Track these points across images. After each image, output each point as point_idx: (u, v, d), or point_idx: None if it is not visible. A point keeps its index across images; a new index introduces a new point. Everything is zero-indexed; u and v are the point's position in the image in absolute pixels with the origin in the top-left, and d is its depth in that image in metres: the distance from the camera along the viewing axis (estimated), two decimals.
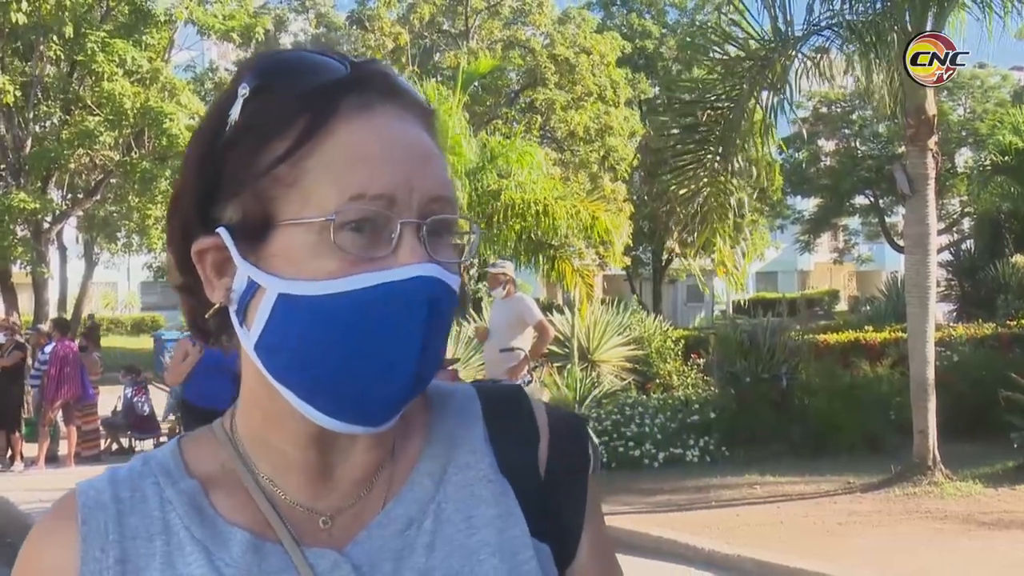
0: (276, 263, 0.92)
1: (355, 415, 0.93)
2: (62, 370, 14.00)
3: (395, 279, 0.90)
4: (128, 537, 0.96)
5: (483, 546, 0.98)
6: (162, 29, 20.17)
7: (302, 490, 0.99)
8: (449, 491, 1.00)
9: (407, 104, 0.96)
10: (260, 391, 0.97)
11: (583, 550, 1.06)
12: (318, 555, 0.96)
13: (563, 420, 1.10)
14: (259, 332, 0.93)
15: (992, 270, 19.25)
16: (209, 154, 0.95)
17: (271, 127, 0.92)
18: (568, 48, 30.53)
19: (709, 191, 10.58)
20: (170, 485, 0.99)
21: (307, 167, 0.91)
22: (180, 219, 0.98)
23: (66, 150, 18.37)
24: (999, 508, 8.61)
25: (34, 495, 11.02)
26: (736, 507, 9.04)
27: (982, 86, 39.84)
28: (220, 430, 1.04)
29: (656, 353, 15.66)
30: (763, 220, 41.56)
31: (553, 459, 1.06)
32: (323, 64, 0.95)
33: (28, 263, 19.45)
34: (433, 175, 0.94)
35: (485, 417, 1.06)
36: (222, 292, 0.96)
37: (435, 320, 0.91)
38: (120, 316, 45.81)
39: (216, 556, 0.95)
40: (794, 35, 10.18)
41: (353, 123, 0.92)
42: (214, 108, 0.97)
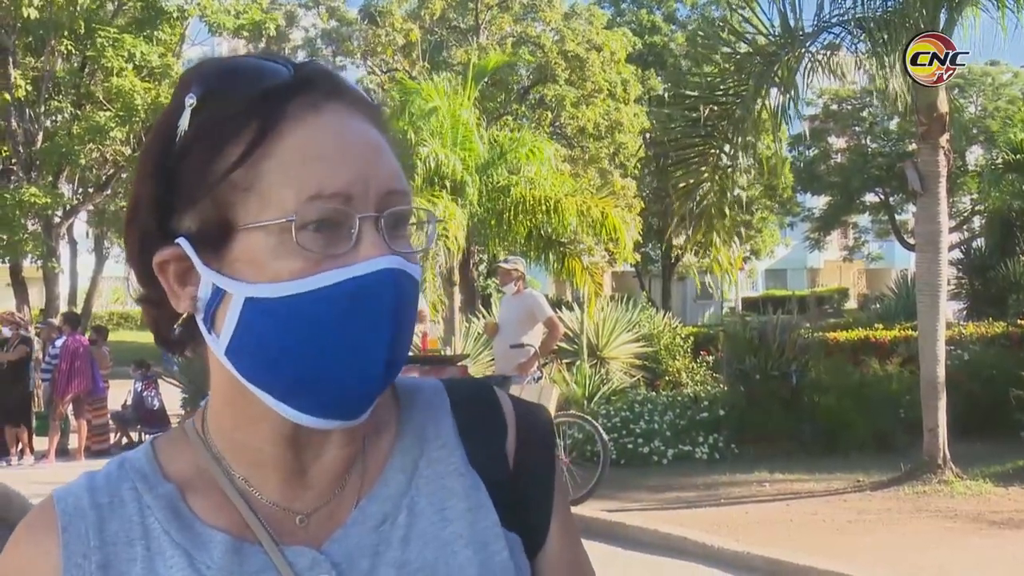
0: (239, 268, 0.93)
1: (331, 410, 0.94)
2: (73, 364, 14.04)
3: (360, 273, 0.91)
4: (109, 543, 0.97)
5: (456, 538, 1.00)
6: (174, 25, 20.20)
7: (277, 490, 1.00)
8: (421, 485, 1.02)
9: (352, 101, 0.98)
10: (232, 393, 0.98)
11: (552, 538, 1.08)
12: (297, 554, 0.97)
13: (529, 411, 1.12)
14: (229, 337, 0.94)
15: (1003, 268, 19.17)
16: (162, 166, 0.96)
17: (222, 134, 0.93)
18: (578, 44, 30.50)
19: (709, 187, 10.56)
20: (148, 490, 1.00)
21: (262, 170, 0.92)
22: (138, 232, 0.99)
23: (77, 145, 18.41)
24: (1009, 507, 8.59)
25: (45, 489, 11.01)
26: (745, 505, 9.03)
27: (993, 83, 39.74)
28: (192, 431, 1.05)
29: (665, 350, 15.65)
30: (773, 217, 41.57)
31: (521, 451, 1.08)
32: (266, 68, 0.96)
33: (39, 257, 19.51)
34: (387, 169, 0.96)
35: (454, 411, 1.08)
36: (187, 301, 0.97)
37: (402, 309, 0.93)
38: (130, 311, 45.90)
39: (197, 559, 0.96)
40: (804, 32, 10.16)
41: (303, 123, 0.93)
42: (161, 121, 0.98)
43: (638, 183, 31.36)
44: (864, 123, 39.52)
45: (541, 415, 1.13)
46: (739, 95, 10.30)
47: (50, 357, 14.65)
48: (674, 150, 11.35)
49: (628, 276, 40.68)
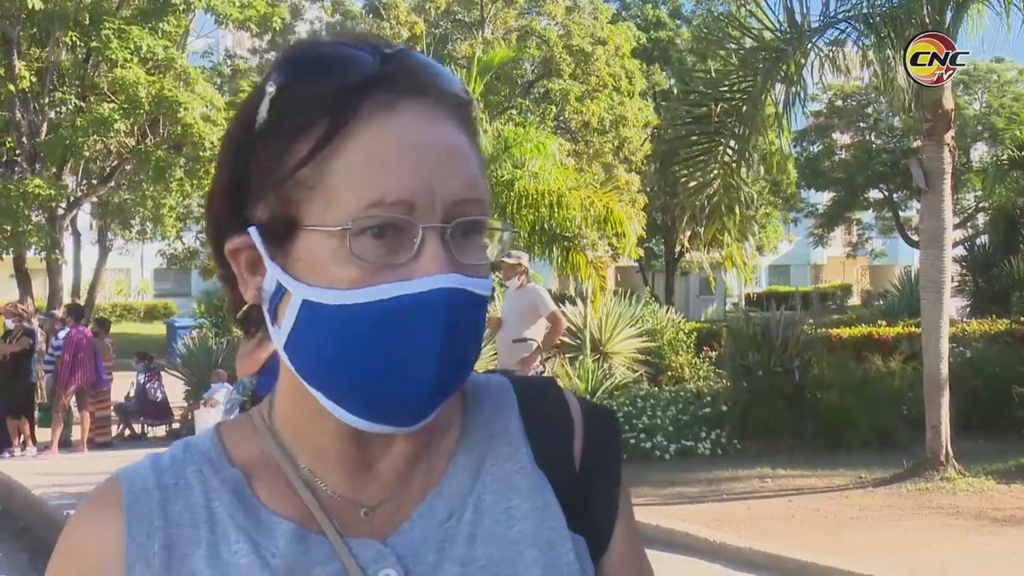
0: (300, 268, 0.92)
1: (383, 417, 0.93)
2: (76, 356, 14.06)
3: (414, 291, 0.88)
4: (173, 524, 0.97)
5: (522, 537, 0.98)
6: (180, 17, 20.18)
7: (342, 482, 0.99)
8: (487, 483, 1.01)
9: (436, 98, 0.94)
10: (295, 387, 0.97)
11: (615, 543, 1.06)
12: (361, 545, 0.96)
13: (596, 412, 1.10)
14: (287, 333, 0.94)
15: (1007, 266, 19.16)
16: (239, 153, 0.95)
17: (294, 128, 0.91)
18: (583, 38, 30.47)
19: (719, 183, 10.54)
20: (213, 474, 1.00)
21: (327, 171, 0.90)
22: (214, 217, 0.99)
23: (81, 137, 18.39)
24: (1012, 504, 8.59)
25: (48, 480, 11.08)
26: (747, 500, 9.03)
27: (999, 80, 39.68)
28: (258, 419, 1.04)
29: (668, 345, 15.65)
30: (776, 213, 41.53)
31: (588, 452, 1.06)
32: (350, 59, 0.93)
33: (42, 249, 19.50)
34: (458, 176, 0.92)
35: (521, 409, 1.06)
36: (254, 291, 0.96)
37: (457, 330, 0.90)
38: (133, 303, 45.98)
39: (262, 546, 0.95)
40: (810, 27, 10.14)
41: (373, 125, 0.90)
42: (244, 105, 0.97)
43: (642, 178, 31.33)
44: (869, 119, 39.48)
45: (608, 417, 1.11)
46: (745, 91, 10.28)
47: (53, 349, 14.67)
48: (682, 147, 11.32)
49: (631, 271, 40.67)
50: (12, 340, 14.15)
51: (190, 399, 16.06)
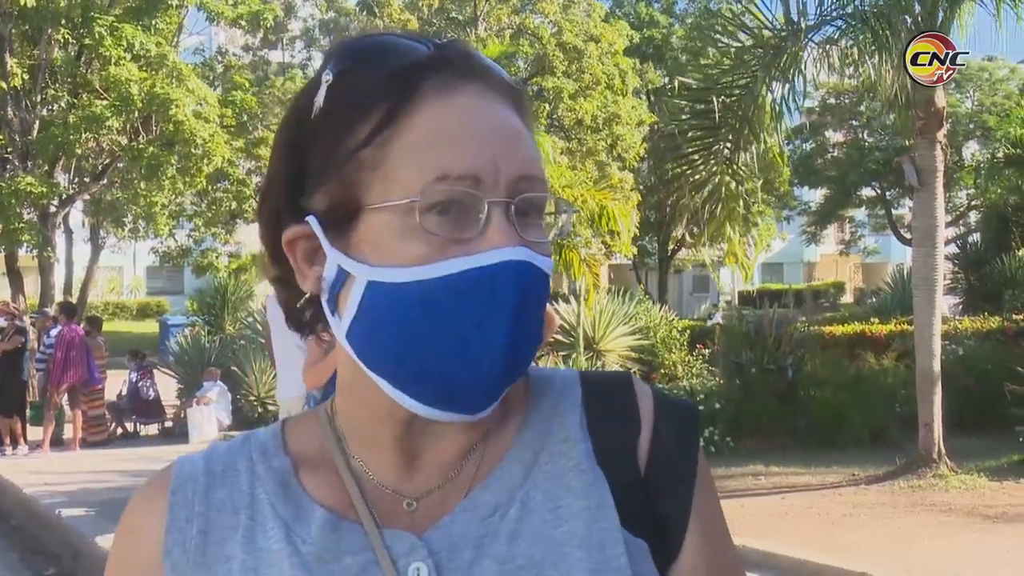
0: (364, 249, 0.91)
1: (449, 403, 0.92)
2: (68, 354, 14.02)
3: (483, 264, 0.88)
4: (213, 509, 0.98)
5: (570, 537, 0.94)
6: (172, 14, 20.15)
7: (390, 472, 0.98)
8: (539, 479, 0.98)
9: (491, 83, 0.95)
10: (354, 377, 0.96)
11: (688, 547, 1.00)
12: (396, 537, 0.95)
13: (670, 408, 1.05)
14: (350, 320, 0.93)
15: (999, 263, 19.21)
16: (295, 142, 0.95)
17: (354, 111, 0.92)
18: (576, 36, 30.48)
19: (720, 179, 10.53)
20: (263, 462, 1.01)
21: (390, 150, 0.90)
22: (270, 208, 0.98)
23: (73, 134, 18.36)
24: (1004, 501, 8.61)
25: (39, 478, 11.05)
26: (741, 498, 9.04)
27: (990, 79, 39.78)
28: (323, 413, 1.05)
29: (661, 343, 15.67)
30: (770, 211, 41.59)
31: (655, 451, 1.01)
32: (404, 46, 0.94)
33: (34, 247, 19.47)
34: (520, 154, 0.92)
35: (585, 404, 1.02)
36: (313, 281, 0.96)
37: (526, 304, 0.89)
38: (125, 301, 45.90)
39: (295, 533, 0.95)
40: (806, 24, 10.14)
41: (435, 104, 0.91)
42: (299, 96, 0.97)
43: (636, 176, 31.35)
44: (861, 117, 39.54)
45: (685, 412, 1.06)
46: (744, 87, 10.28)
47: (45, 347, 14.62)
48: (683, 142, 11.31)
49: (625, 269, 40.70)
50: (4, 338, 14.11)
51: (183, 397, 16.04)
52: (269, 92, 28.34)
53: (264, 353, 12.65)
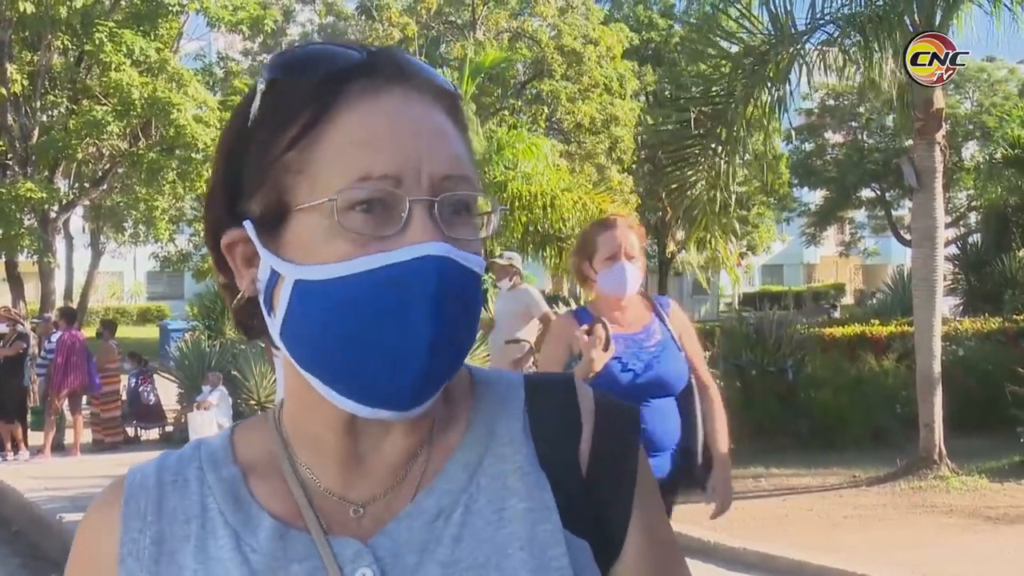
0: (292, 250, 0.93)
1: (379, 400, 0.93)
2: (68, 359, 14.02)
3: (402, 259, 0.89)
4: (166, 520, 0.99)
5: (512, 539, 0.96)
6: (172, 20, 20.18)
7: (336, 478, 1.00)
8: (483, 482, 0.99)
9: (420, 86, 0.96)
10: (295, 380, 0.98)
11: (630, 548, 1.02)
12: (342, 544, 0.96)
13: (609, 411, 1.06)
14: (281, 320, 0.95)
15: (999, 264, 19.18)
16: (232, 149, 0.98)
17: (282, 118, 0.94)
18: (575, 39, 30.49)
19: (703, 186, 10.54)
20: (212, 471, 1.02)
21: (315, 153, 0.92)
22: (212, 215, 1.00)
23: (73, 140, 18.38)
24: (1005, 502, 8.60)
25: (40, 484, 11.05)
26: (741, 500, 8.99)
27: (989, 79, 39.78)
28: (271, 417, 1.06)
29: None
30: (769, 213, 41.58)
31: (596, 453, 1.02)
32: (336, 54, 0.96)
33: (35, 252, 19.48)
34: (444, 153, 0.94)
35: (528, 406, 1.04)
36: (249, 283, 0.98)
37: (447, 299, 0.90)
38: (126, 306, 45.91)
39: (244, 541, 0.97)
40: (797, 30, 10.14)
41: (359, 107, 0.93)
42: (238, 106, 0.99)
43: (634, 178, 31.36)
44: (861, 118, 39.55)
45: (625, 415, 1.07)
46: (731, 95, 10.29)
47: (46, 352, 14.62)
48: (666, 152, 11.34)
49: None
50: (6, 344, 14.10)
51: (183, 402, 16.02)
52: None
53: (264, 357, 12.65)
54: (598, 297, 4.13)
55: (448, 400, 0.98)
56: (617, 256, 4.00)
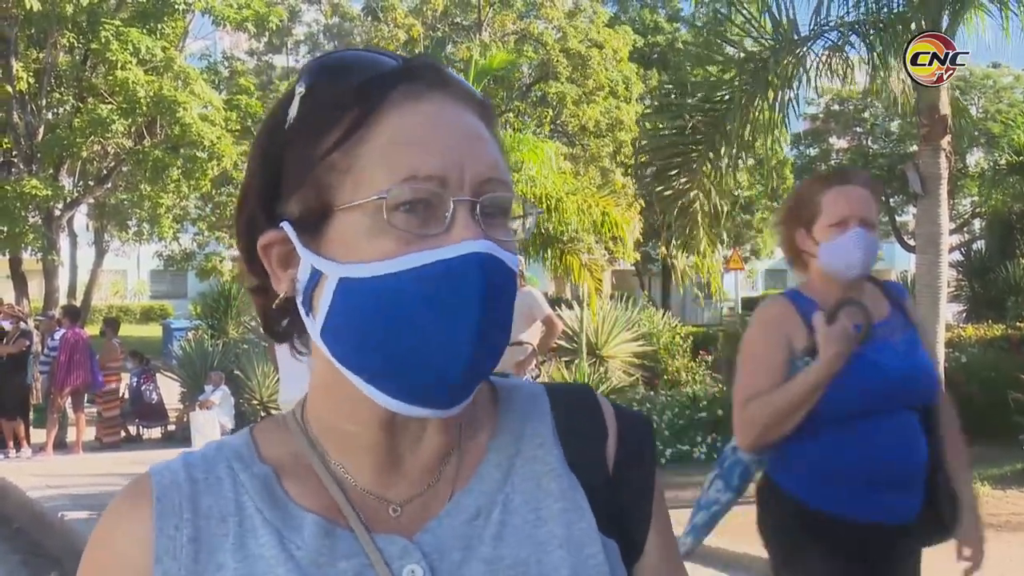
0: (335, 249, 0.95)
1: (419, 397, 0.94)
2: (72, 357, 14.04)
3: (449, 256, 0.91)
4: (201, 517, 0.99)
5: (551, 538, 0.99)
6: (178, 18, 20.21)
7: (371, 477, 1.01)
8: (517, 483, 1.02)
9: (457, 93, 0.99)
10: (329, 378, 0.99)
11: (650, 549, 1.08)
12: (388, 541, 0.97)
13: (630, 418, 1.12)
14: (323, 318, 0.96)
15: (1003, 271, 19.18)
16: (270, 152, 0.99)
17: (325, 119, 0.96)
18: (580, 42, 30.50)
19: (695, 195, 10.53)
20: (243, 469, 1.02)
21: (360, 153, 0.94)
22: (246, 216, 1.01)
23: (78, 138, 18.40)
24: (1007, 510, 8.59)
25: (42, 481, 11.06)
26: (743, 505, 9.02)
27: (995, 86, 39.75)
28: (291, 419, 1.06)
29: (664, 349, 15.65)
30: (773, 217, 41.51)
31: (621, 457, 1.08)
32: (375, 60, 0.99)
33: (39, 250, 19.51)
34: (485, 156, 0.96)
35: (553, 412, 1.08)
36: (287, 283, 0.99)
37: (492, 296, 0.92)
38: (129, 304, 45.93)
39: (288, 539, 0.97)
40: (799, 36, 10.13)
41: (403, 109, 0.95)
42: (273, 109, 1.01)
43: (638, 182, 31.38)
44: (865, 124, 39.54)
45: (642, 422, 1.13)
46: (730, 102, 10.28)
47: (49, 350, 14.65)
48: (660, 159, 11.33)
49: (628, 275, 40.68)
50: (9, 341, 14.13)
51: (186, 401, 16.04)
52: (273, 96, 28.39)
53: (267, 357, 12.66)
54: (817, 277, 3.03)
55: (473, 404, 0.99)
56: (848, 222, 2.93)
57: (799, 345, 2.96)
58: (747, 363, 3.07)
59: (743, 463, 3.31)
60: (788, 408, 2.92)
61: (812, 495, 3.05)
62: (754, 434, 3.04)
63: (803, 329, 2.95)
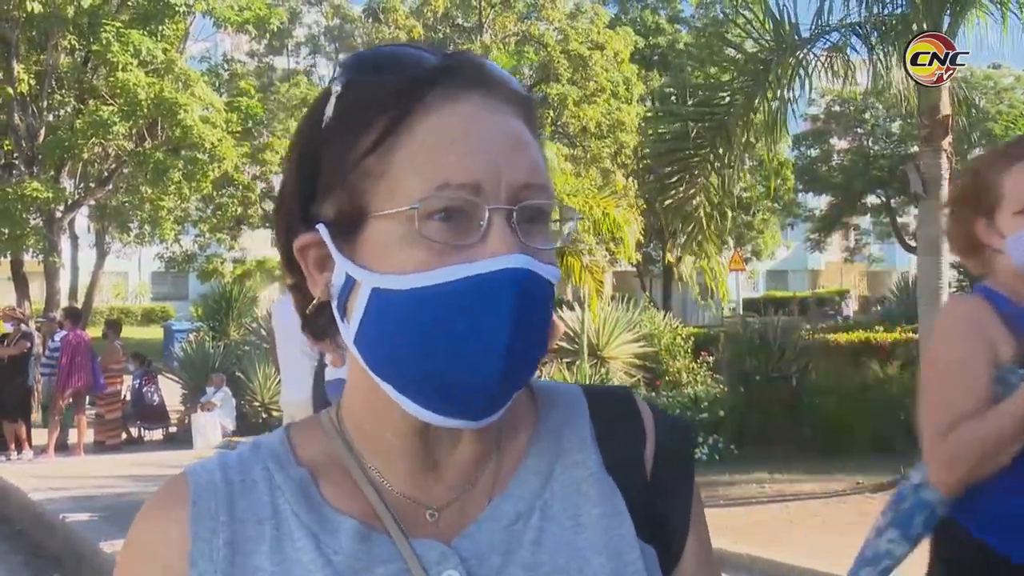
0: (369, 257, 0.93)
1: (452, 409, 0.92)
2: (73, 359, 14.04)
3: (482, 271, 0.89)
4: (237, 520, 0.97)
5: (590, 544, 0.98)
6: (179, 20, 20.21)
7: (408, 482, 0.99)
8: (556, 488, 1.01)
9: (498, 93, 0.96)
10: (364, 383, 0.97)
11: (688, 555, 1.06)
12: (425, 546, 0.96)
13: (669, 423, 1.10)
14: (356, 326, 0.94)
15: None
16: (306, 152, 0.97)
17: (360, 121, 0.93)
18: (581, 43, 30.50)
19: (699, 201, 10.52)
20: (280, 471, 1.00)
21: (394, 158, 0.92)
22: (284, 217, 1.00)
23: (79, 140, 18.40)
24: None
25: (44, 483, 11.06)
26: (745, 506, 9.02)
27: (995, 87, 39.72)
28: (327, 420, 1.05)
29: (666, 350, 15.66)
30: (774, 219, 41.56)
31: (660, 461, 1.06)
32: (413, 57, 0.96)
33: (40, 252, 19.50)
34: (523, 161, 0.93)
35: (592, 416, 1.06)
36: (323, 287, 0.97)
37: (525, 311, 0.90)
38: (130, 306, 45.97)
39: (324, 543, 0.95)
40: (801, 37, 10.13)
41: (439, 112, 0.92)
42: (311, 107, 0.99)
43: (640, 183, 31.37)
44: (866, 125, 39.52)
45: (682, 428, 1.11)
46: (732, 105, 10.28)
47: (50, 351, 14.65)
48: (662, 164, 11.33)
49: (629, 276, 40.67)
50: (10, 343, 14.13)
51: (187, 403, 16.05)
52: (274, 98, 28.41)
53: (268, 358, 12.66)
54: (1008, 275, 2.41)
55: (511, 407, 0.97)
56: None
57: (1006, 354, 2.32)
58: (942, 378, 2.43)
59: (929, 506, 2.60)
60: (1006, 438, 2.26)
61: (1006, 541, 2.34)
62: (961, 471, 2.35)
63: (1007, 334, 2.33)
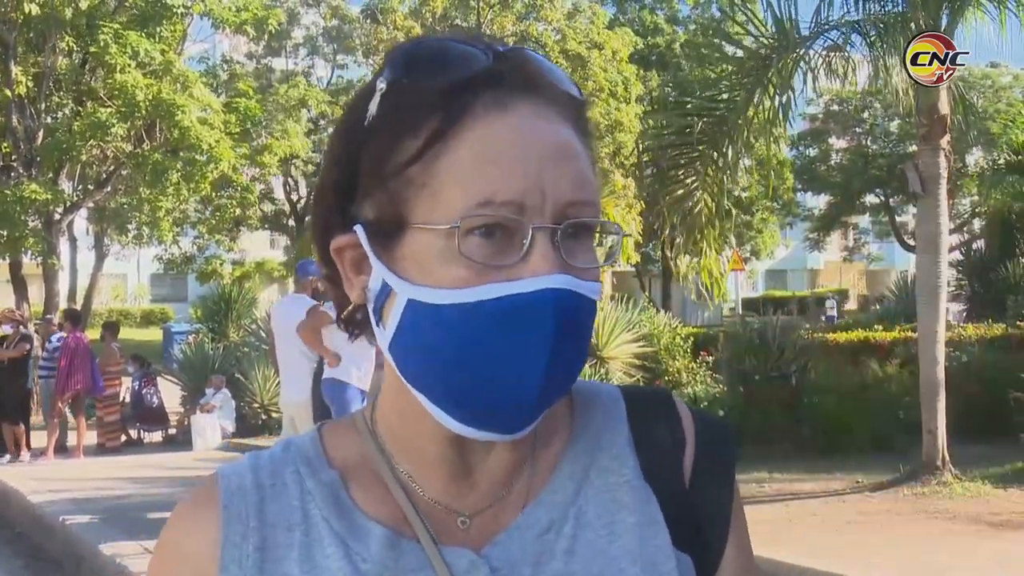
0: (407, 267, 0.90)
1: (485, 423, 0.91)
2: (72, 361, 14.04)
3: (522, 291, 0.86)
4: (268, 525, 0.96)
5: (624, 554, 0.95)
6: (177, 22, 20.22)
7: (441, 488, 0.97)
8: (590, 495, 0.98)
9: (550, 98, 0.93)
10: (399, 388, 0.95)
11: (727, 563, 1.04)
12: (456, 555, 0.94)
13: (711, 427, 1.06)
14: (392, 333, 0.92)
15: (1003, 270, 19.19)
16: (347, 150, 0.94)
17: (404, 126, 0.90)
18: (580, 43, 30.52)
19: (700, 196, 10.52)
20: (311, 475, 0.98)
21: (437, 169, 0.88)
22: (321, 214, 0.98)
23: (78, 141, 18.41)
24: (1008, 508, 8.58)
25: (43, 485, 11.06)
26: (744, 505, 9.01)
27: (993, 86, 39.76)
28: (361, 421, 1.03)
29: (665, 350, 15.65)
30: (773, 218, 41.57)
31: (699, 467, 1.03)
32: (463, 56, 0.92)
33: (39, 254, 19.51)
34: (569, 177, 0.90)
35: (630, 420, 1.03)
36: (359, 291, 0.95)
37: (564, 333, 0.88)
38: (129, 308, 45.95)
39: (354, 551, 0.94)
40: (800, 36, 10.14)
41: (485, 123, 0.89)
42: (354, 102, 0.96)
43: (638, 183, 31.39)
44: (865, 124, 39.56)
45: (723, 431, 1.08)
46: (733, 101, 10.28)
47: (48, 353, 14.65)
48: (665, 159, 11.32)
49: (628, 276, 40.70)
50: (9, 345, 14.13)
51: (187, 405, 16.04)
52: (273, 99, 28.40)
53: (268, 360, 12.66)
54: None
55: (548, 412, 0.94)
56: None
57: None
58: None
59: None
60: None
61: None
62: None
63: None
